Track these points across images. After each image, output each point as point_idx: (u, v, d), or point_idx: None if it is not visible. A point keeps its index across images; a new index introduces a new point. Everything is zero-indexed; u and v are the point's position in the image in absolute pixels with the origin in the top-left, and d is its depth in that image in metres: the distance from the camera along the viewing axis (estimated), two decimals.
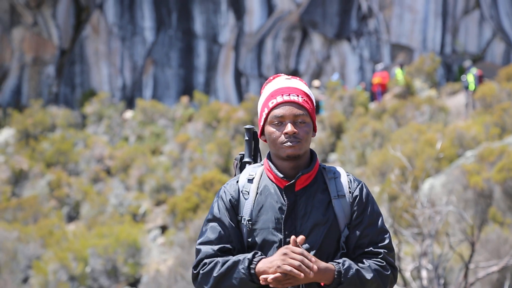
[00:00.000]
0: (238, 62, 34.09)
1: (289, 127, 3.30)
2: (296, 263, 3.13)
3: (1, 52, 34.26)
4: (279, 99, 3.35)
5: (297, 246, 3.17)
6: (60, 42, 34.46)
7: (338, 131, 24.46)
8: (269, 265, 3.18)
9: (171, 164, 25.39)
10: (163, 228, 20.66)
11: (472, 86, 23.76)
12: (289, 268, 3.13)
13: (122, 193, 23.24)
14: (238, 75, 34.21)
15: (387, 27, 33.18)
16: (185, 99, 32.02)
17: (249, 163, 3.54)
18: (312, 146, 24.40)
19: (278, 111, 3.33)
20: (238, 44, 33.99)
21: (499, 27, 33.06)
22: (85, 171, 26.01)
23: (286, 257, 3.15)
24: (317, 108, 29.62)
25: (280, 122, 3.33)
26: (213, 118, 28.78)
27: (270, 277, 3.15)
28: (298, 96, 3.36)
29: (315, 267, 3.16)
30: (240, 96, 33.52)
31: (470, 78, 23.85)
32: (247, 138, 3.58)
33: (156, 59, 34.28)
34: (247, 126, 3.56)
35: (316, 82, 28.68)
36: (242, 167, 3.55)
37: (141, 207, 22.40)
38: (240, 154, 3.59)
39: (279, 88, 3.38)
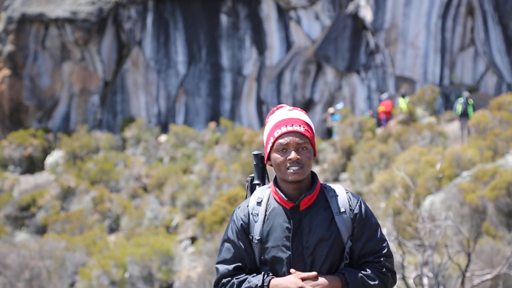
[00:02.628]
0: (260, 92, 34.17)
1: (292, 154, 3.30)
2: None
3: (53, 84, 34.58)
4: (284, 129, 3.34)
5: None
6: (104, 74, 34.73)
7: (348, 153, 24.42)
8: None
9: (200, 182, 25.41)
10: (193, 239, 20.65)
11: (471, 114, 23.46)
12: None
13: (157, 207, 23.27)
14: (259, 103, 34.26)
15: (392, 61, 33.15)
16: (212, 124, 32.10)
17: (259, 185, 3.53)
18: (326, 166, 24.37)
19: (282, 140, 3.33)
20: (260, 76, 34.08)
21: (491, 62, 32.93)
22: (125, 188, 26.09)
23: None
24: (330, 133, 29.76)
25: (285, 149, 3.32)
26: (237, 141, 28.82)
27: None
28: (300, 126, 3.35)
29: None
30: (262, 122, 33.54)
31: (470, 108, 23.47)
32: (255, 163, 3.55)
33: (188, 89, 34.44)
34: (255, 152, 3.54)
35: (331, 109, 29.16)
36: (252, 188, 3.54)
37: (174, 220, 22.42)
38: (250, 177, 3.57)
39: (283, 119, 3.38)
